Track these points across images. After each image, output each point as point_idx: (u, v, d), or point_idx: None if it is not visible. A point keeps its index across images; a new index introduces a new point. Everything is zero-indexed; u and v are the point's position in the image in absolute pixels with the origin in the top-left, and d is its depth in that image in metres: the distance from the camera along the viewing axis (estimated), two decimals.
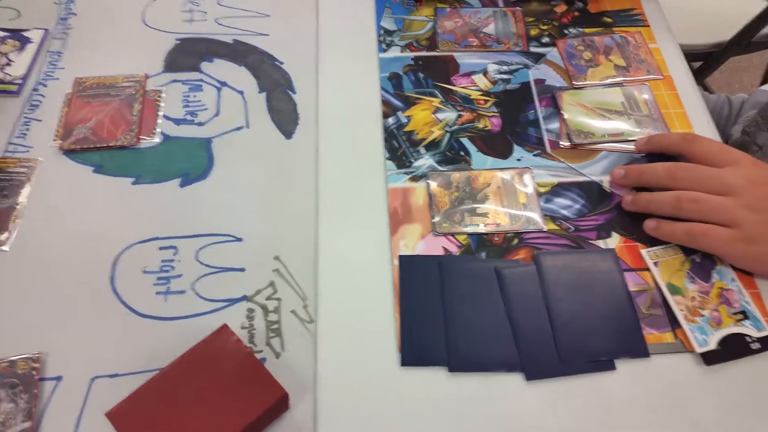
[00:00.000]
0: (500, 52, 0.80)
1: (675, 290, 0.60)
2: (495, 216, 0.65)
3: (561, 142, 0.71)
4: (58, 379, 0.57)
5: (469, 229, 0.64)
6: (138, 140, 0.72)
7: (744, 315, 0.58)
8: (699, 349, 0.56)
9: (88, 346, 0.58)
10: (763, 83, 1.54)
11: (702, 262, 0.62)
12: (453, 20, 0.83)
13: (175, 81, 0.78)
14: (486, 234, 0.64)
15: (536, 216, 0.65)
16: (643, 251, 0.63)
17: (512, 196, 0.66)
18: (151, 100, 0.75)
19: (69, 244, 0.64)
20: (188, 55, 0.81)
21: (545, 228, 0.64)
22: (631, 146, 0.71)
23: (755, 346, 0.57)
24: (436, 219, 0.65)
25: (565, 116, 0.73)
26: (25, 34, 0.82)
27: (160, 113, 0.74)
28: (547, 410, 0.55)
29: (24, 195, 0.68)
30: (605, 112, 0.74)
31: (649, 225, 0.63)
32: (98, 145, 0.71)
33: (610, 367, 0.57)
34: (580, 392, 0.56)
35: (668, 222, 0.62)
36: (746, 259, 0.61)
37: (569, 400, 0.55)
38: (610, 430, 0.54)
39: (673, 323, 0.58)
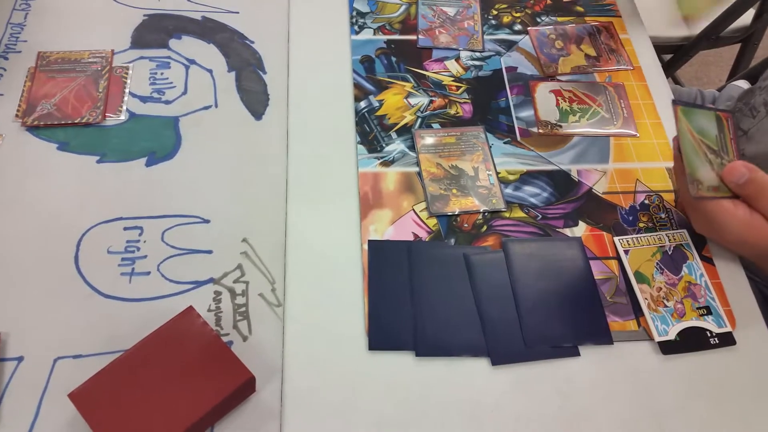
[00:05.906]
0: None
1: (642, 279, 0.61)
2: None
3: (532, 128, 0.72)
4: (20, 359, 0.56)
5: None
6: (103, 117, 0.70)
7: (707, 310, 0.60)
8: (657, 338, 0.58)
9: (50, 327, 0.57)
10: (731, 77, 1.56)
11: (673, 255, 0.63)
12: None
13: (142, 57, 0.76)
14: (456, 219, 0.64)
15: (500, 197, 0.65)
16: (616, 238, 0.63)
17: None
18: (117, 77, 0.74)
19: (32, 222, 0.63)
20: (156, 31, 0.79)
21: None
22: (595, 131, 0.71)
23: (714, 341, 0.58)
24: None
25: (538, 105, 0.73)
26: None
27: (127, 90, 0.73)
28: (511, 394, 0.55)
29: None
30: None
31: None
32: (63, 122, 0.69)
33: (574, 353, 0.57)
34: (544, 377, 0.56)
35: None
36: None
37: (534, 384, 0.56)
38: (572, 415, 0.55)
39: (637, 312, 0.59)
